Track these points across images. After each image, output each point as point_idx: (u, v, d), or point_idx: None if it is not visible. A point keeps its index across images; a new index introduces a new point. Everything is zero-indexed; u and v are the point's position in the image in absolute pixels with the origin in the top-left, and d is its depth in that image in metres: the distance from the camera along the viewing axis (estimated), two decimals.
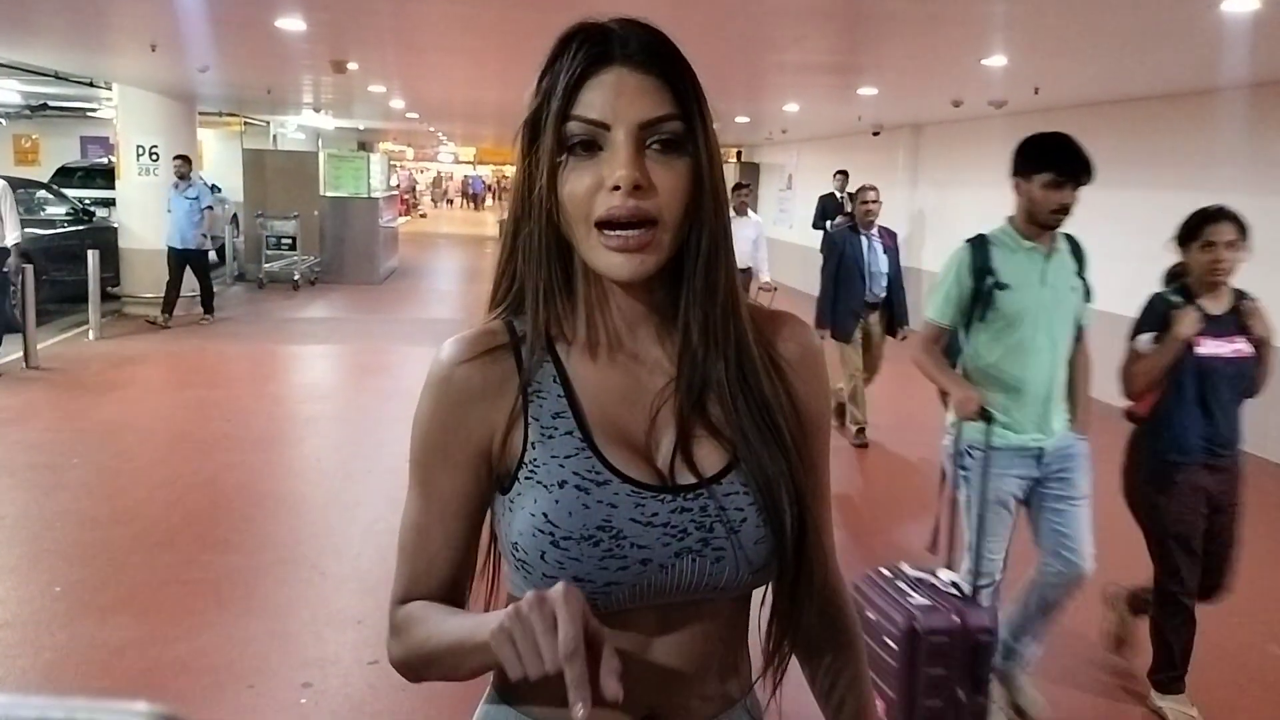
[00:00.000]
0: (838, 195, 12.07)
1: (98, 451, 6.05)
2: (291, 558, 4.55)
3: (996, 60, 6.72)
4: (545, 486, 0.96)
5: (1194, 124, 7.74)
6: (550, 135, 0.93)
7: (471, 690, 0.86)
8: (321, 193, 14.83)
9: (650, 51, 0.93)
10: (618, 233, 0.91)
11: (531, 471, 0.97)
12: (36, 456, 5.88)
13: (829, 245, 6.83)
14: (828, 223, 11.51)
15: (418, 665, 1.00)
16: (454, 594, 1.04)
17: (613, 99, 0.91)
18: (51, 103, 16.57)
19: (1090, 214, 9.02)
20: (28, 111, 17.66)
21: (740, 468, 0.98)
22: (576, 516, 0.94)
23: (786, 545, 0.98)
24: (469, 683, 0.90)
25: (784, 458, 0.99)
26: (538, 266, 0.98)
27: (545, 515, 0.95)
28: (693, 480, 0.98)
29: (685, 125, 0.92)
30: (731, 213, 7.12)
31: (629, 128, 0.90)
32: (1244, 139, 7.24)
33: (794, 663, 1.14)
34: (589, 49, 0.92)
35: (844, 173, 12.34)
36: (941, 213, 11.87)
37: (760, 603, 1.07)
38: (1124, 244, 8.53)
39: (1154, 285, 7.02)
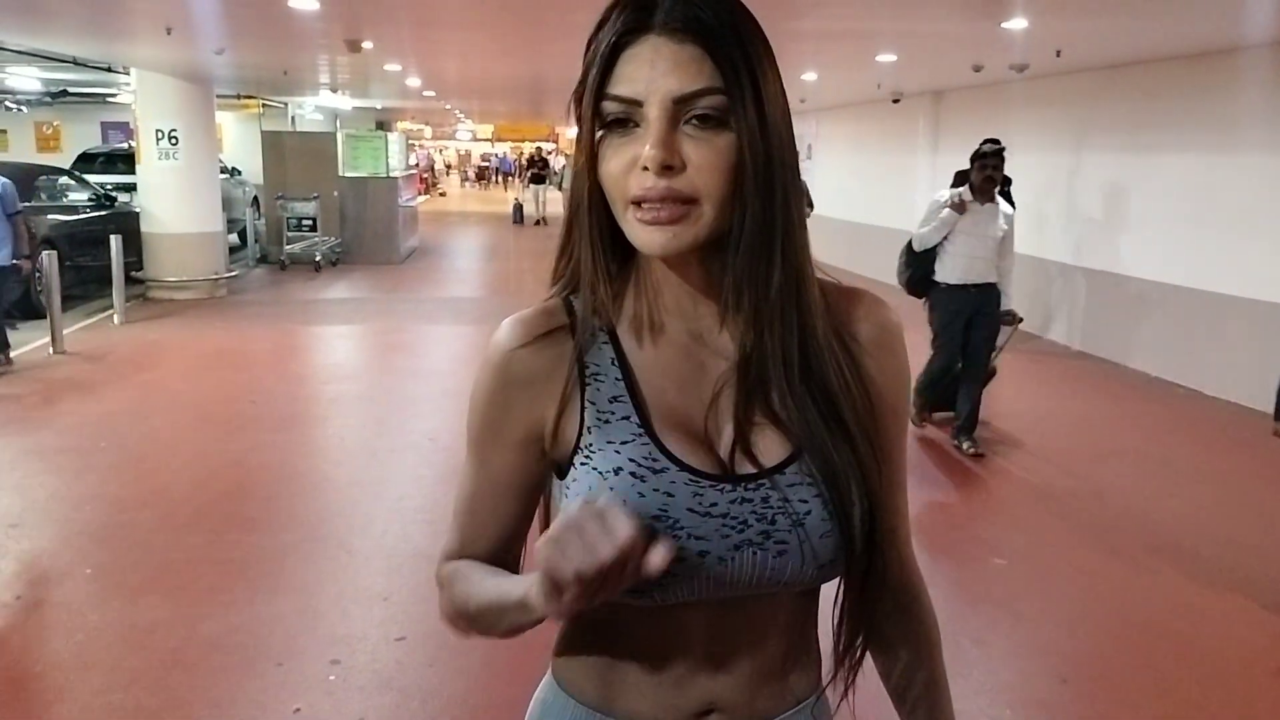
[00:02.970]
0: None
1: (125, 434, 6.11)
2: (318, 536, 4.59)
3: (1017, 23, 6.61)
4: (600, 473, 0.93)
5: (1218, 84, 7.61)
6: (588, 112, 0.89)
7: (499, 665, 0.85)
8: (341, 173, 14.86)
9: (693, 17, 0.86)
10: (649, 207, 0.87)
11: (587, 457, 0.95)
12: (64, 440, 5.94)
13: None
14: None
15: (461, 620, 1.02)
16: (502, 562, 1.04)
17: (646, 73, 0.86)
18: (71, 89, 16.69)
19: (1113, 178, 8.87)
20: (48, 98, 17.80)
21: (804, 459, 0.93)
22: (631, 505, 0.90)
23: (855, 539, 0.94)
24: (497, 660, 0.89)
25: (851, 449, 0.94)
26: (589, 244, 0.95)
27: None
28: (753, 470, 0.94)
29: (727, 99, 0.86)
30: (970, 194, 5.70)
31: (662, 103, 0.85)
32: (1270, 98, 7.11)
33: (872, 668, 1.11)
34: (627, 16, 0.87)
35: (995, 144, 9.82)
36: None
37: (834, 600, 1.02)
38: (1149, 208, 8.44)
39: (1181, 251, 6.88)
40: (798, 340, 0.94)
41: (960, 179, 8.66)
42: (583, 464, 0.95)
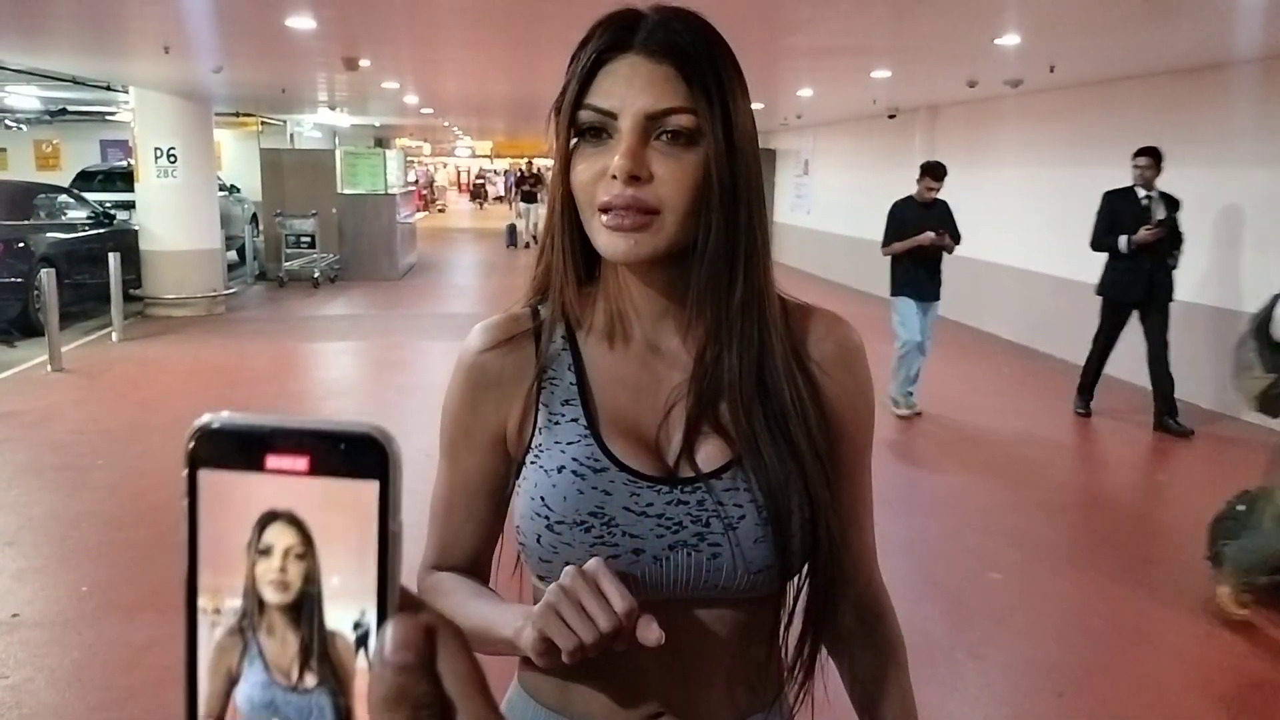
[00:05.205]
0: (1141, 195, 6.80)
1: (122, 452, 6.10)
2: None
3: (1010, 39, 6.66)
4: (545, 471, 0.98)
5: (1211, 98, 7.65)
6: (564, 121, 0.94)
7: (492, 676, 0.86)
8: (339, 190, 14.89)
9: (671, 41, 0.92)
10: (614, 214, 0.91)
11: (536, 456, 1.00)
12: (62, 458, 5.94)
13: None
14: (1123, 240, 6.66)
15: None
16: (477, 566, 1.09)
17: (623, 88, 0.91)
18: (70, 107, 16.73)
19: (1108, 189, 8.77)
20: (48, 117, 17.84)
21: (742, 465, 0.97)
22: (570, 501, 0.95)
23: (791, 550, 0.96)
24: (491, 669, 0.90)
25: (796, 463, 0.96)
26: (560, 249, 1.00)
27: (542, 499, 0.97)
28: (692, 474, 0.97)
29: (697, 119, 0.91)
30: None
31: (635, 117, 0.90)
32: (1262, 112, 7.15)
33: (839, 687, 1.13)
34: (610, 35, 0.93)
35: (1154, 154, 6.79)
36: (961, 195, 11.77)
37: (789, 610, 1.04)
38: None
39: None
40: (755, 356, 0.97)
41: (1111, 200, 6.85)
42: (532, 463, 1.00)
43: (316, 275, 14.02)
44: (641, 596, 0.96)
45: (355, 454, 0.34)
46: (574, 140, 0.94)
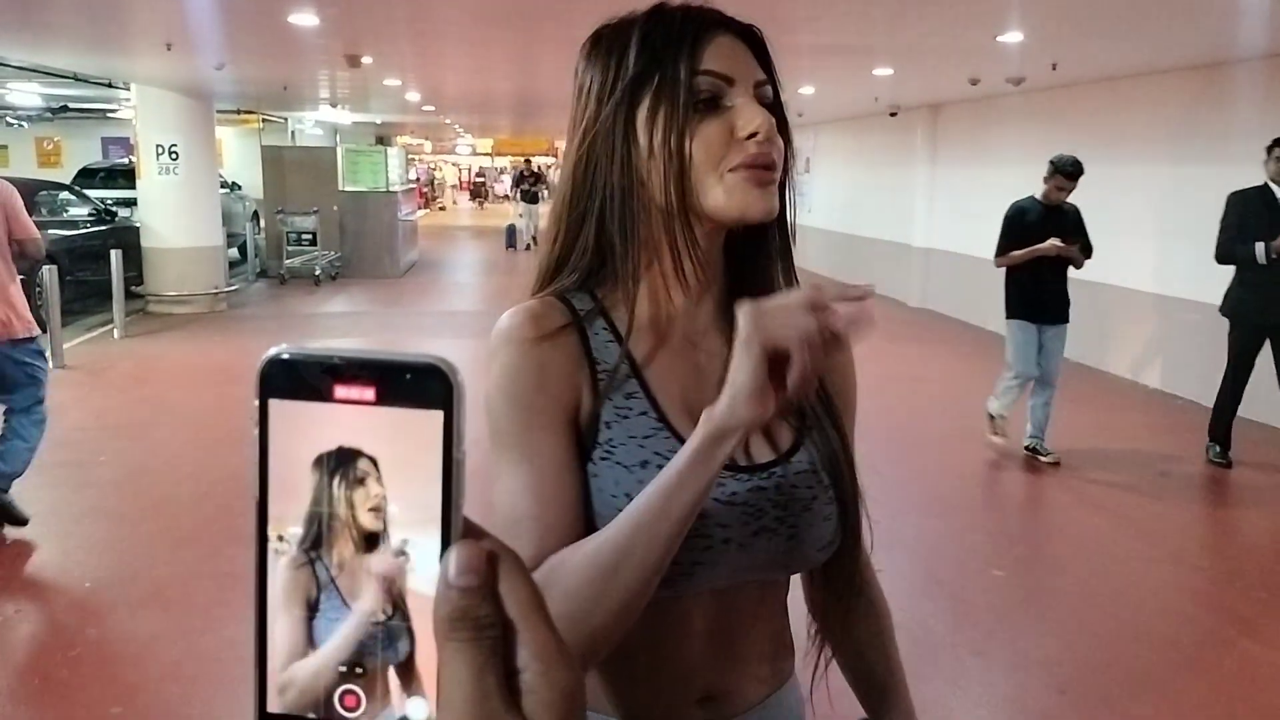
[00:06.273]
0: (1276, 188, 5.76)
1: (125, 448, 6.11)
2: None
3: (1012, 36, 6.65)
4: (626, 468, 0.94)
5: (1213, 96, 7.64)
6: (682, 90, 0.94)
7: None
8: (340, 188, 14.89)
9: (751, 29, 1.00)
10: (758, 170, 0.94)
11: (608, 452, 0.95)
12: (65, 454, 5.94)
13: None
14: (1260, 249, 5.53)
15: (584, 605, 0.83)
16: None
17: (730, 60, 0.96)
18: (72, 104, 16.73)
19: (1111, 189, 8.85)
20: (49, 114, 17.84)
21: (806, 446, 1.00)
22: None
23: (850, 519, 1.01)
24: None
25: (840, 437, 1.02)
26: (623, 239, 0.98)
27: (629, 496, 0.89)
28: (766, 459, 0.99)
29: (776, 93, 1.00)
30: None
31: (749, 85, 0.96)
32: (1265, 110, 7.15)
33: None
34: (699, 18, 0.97)
35: None
36: (963, 193, 11.78)
37: (810, 584, 1.10)
38: (1145, 219, 8.46)
39: (1175, 260, 6.83)
40: None
41: (1240, 202, 5.82)
42: (604, 458, 0.95)
43: (318, 272, 14.02)
44: (712, 585, 0.96)
45: (421, 384, 0.35)
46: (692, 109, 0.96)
